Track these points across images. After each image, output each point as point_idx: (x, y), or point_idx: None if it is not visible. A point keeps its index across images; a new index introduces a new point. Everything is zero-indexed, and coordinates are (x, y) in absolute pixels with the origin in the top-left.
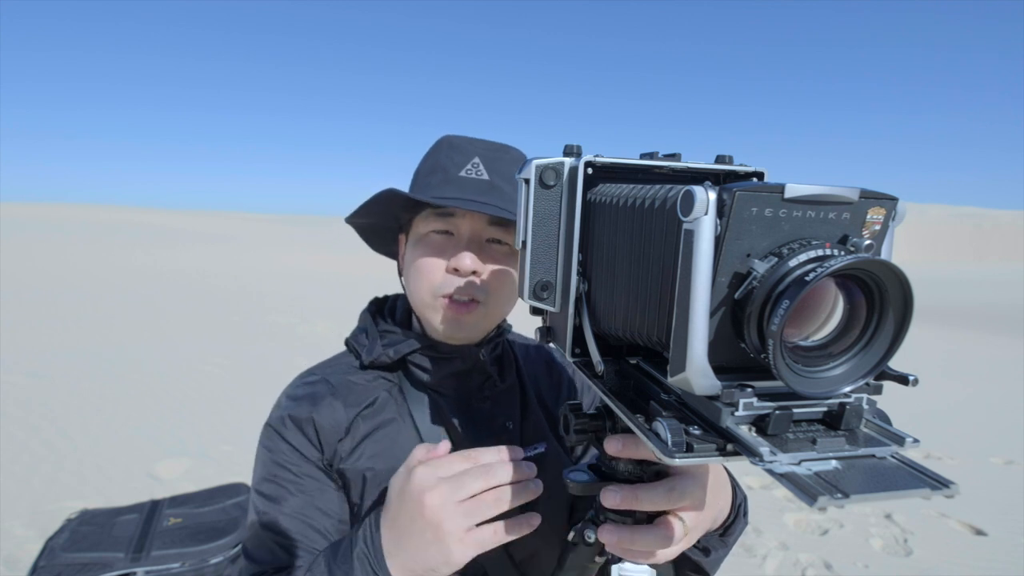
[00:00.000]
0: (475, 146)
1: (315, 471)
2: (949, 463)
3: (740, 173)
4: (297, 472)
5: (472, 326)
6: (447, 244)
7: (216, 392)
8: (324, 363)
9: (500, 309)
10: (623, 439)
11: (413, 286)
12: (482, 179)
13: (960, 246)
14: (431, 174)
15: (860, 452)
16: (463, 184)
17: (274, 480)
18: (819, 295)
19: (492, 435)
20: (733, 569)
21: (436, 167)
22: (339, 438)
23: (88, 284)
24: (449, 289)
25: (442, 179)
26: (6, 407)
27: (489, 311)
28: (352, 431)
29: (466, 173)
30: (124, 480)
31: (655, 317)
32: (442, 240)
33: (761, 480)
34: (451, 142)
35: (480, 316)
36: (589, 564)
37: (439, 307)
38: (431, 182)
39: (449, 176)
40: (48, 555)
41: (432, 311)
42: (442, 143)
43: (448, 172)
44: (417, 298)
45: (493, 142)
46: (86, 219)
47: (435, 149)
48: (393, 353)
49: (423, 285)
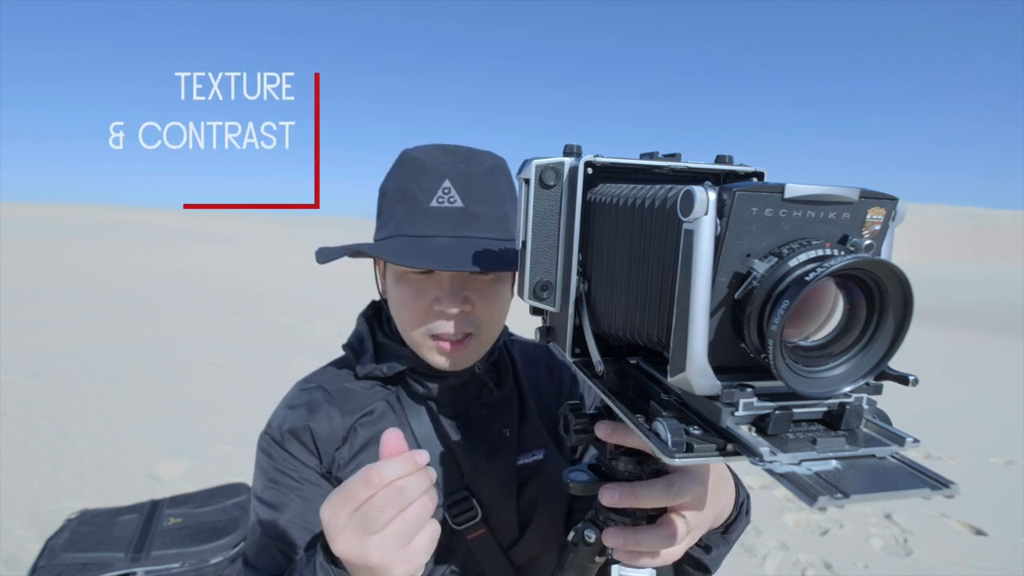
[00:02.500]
0: (443, 162)
1: (316, 477)
2: (949, 463)
3: (740, 173)
4: (298, 479)
5: (468, 357)
6: (429, 284)
7: (216, 392)
8: (321, 370)
9: (492, 334)
10: (613, 424)
11: (402, 324)
12: (456, 208)
13: (960, 246)
14: (398, 201)
15: (860, 452)
16: (435, 217)
17: (275, 487)
18: (819, 295)
19: (489, 442)
20: (733, 569)
21: (403, 193)
22: (336, 446)
23: (88, 284)
24: (439, 330)
25: (411, 210)
26: (6, 407)
27: (482, 339)
28: (350, 439)
29: (437, 202)
30: (124, 480)
31: (655, 317)
32: (422, 280)
33: (761, 480)
34: (415, 161)
35: (474, 346)
36: (589, 564)
37: (432, 346)
38: (398, 212)
39: (419, 207)
40: (48, 555)
41: (426, 349)
42: (405, 162)
43: (418, 201)
44: (407, 336)
45: (460, 150)
46: (86, 219)
47: (399, 168)
48: (387, 370)
49: (413, 326)
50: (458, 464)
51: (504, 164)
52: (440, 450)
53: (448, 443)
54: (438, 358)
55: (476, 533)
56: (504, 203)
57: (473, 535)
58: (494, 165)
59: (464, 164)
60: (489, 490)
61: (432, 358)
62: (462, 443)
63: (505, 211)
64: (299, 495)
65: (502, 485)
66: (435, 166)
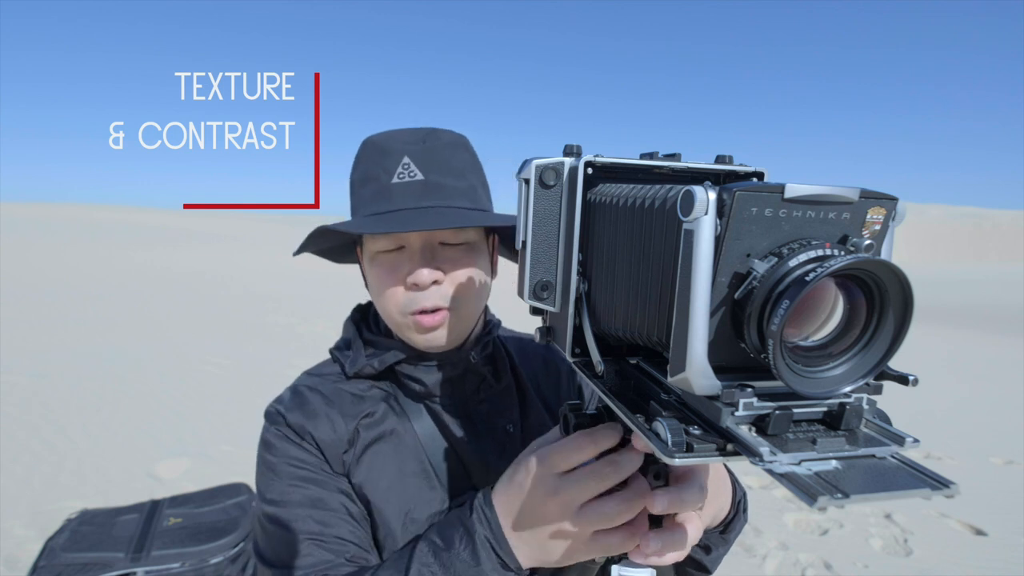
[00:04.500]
0: (401, 142)
1: (324, 465)
2: (949, 463)
3: (740, 173)
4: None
5: (448, 334)
6: (400, 259)
7: (216, 392)
8: (309, 374)
9: (471, 309)
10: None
11: (381, 307)
12: (416, 180)
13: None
14: (363, 185)
15: (860, 452)
16: (398, 192)
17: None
18: (819, 295)
19: (493, 438)
20: (733, 569)
21: (367, 176)
22: (343, 450)
23: (88, 284)
24: (415, 306)
25: (375, 190)
26: (6, 407)
27: (461, 315)
28: (354, 441)
29: (399, 178)
30: (124, 480)
31: (655, 317)
32: (394, 257)
33: (761, 480)
34: (375, 145)
35: (453, 322)
36: (589, 564)
37: (410, 324)
38: (364, 195)
39: (382, 185)
40: (48, 555)
41: (406, 328)
42: (367, 147)
43: (380, 180)
44: (388, 318)
45: (419, 130)
46: (86, 219)
47: (361, 155)
48: (378, 364)
49: (389, 307)
50: (464, 464)
51: (464, 139)
52: (444, 448)
53: (452, 442)
54: (418, 337)
55: None
56: (467, 175)
57: None
58: (454, 140)
59: (423, 141)
60: None
61: (413, 338)
62: (467, 442)
63: (471, 183)
64: (318, 485)
65: None
66: (394, 146)
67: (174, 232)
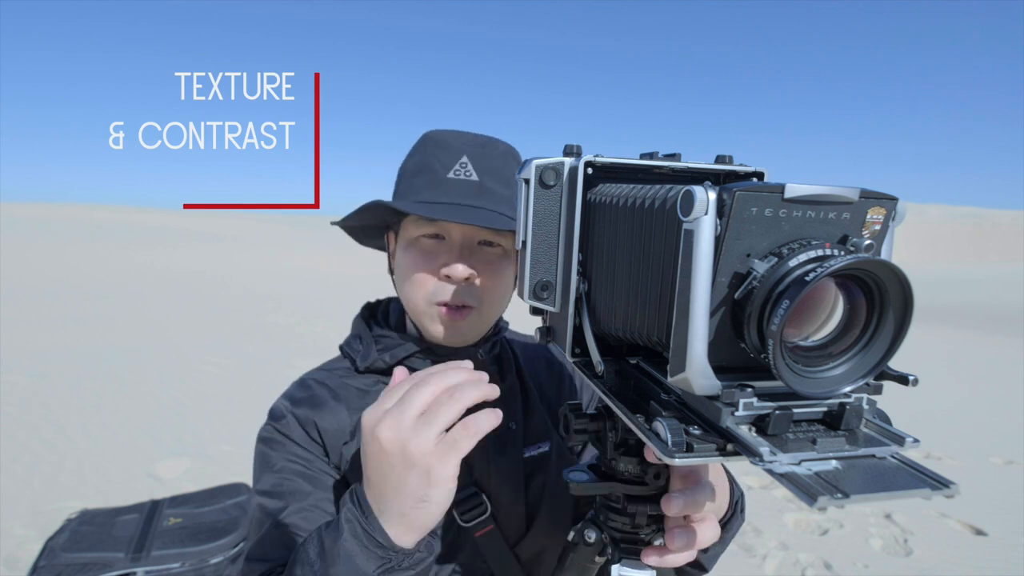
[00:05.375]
0: (462, 142)
1: (323, 465)
2: (949, 463)
3: (740, 173)
4: (307, 467)
5: (468, 330)
6: (438, 249)
7: (216, 392)
8: (319, 369)
9: (494, 312)
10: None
11: (407, 292)
12: (471, 180)
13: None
14: (417, 175)
15: (860, 452)
16: (452, 187)
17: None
18: (819, 295)
19: (497, 437)
20: (733, 569)
21: (422, 167)
22: (344, 441)
23: (88, 284)
24: (444, 296)
25: (429, 181)
26: (6, 407)
27: (483, 315)
28: (356, 434)
29: (455, 174)
30: (124, 480)
31: (655, 317)
32: (433, 245)
33: (761, 480)
34: (436, 139)
35: (475, 320)
36: (589, 564)
37: (435, 314)
38: (416, 184)
39: (437, 178)
40: (48, 555)
41: (428, 318)
42: (427, 140)
43: (435, 173)
44: (412, 304)
45: (479, 136)
46: (86, 219)
47: (420, 146)
48: (389, 358)
49: (417, 293)
50: (465, 459)
51: (517, 153)
52: None
53: None
54: (438, 327)
55: (484, 530)
56: (514, 186)
57: (481, 532)
58: (508, 151)
59: (482, 146)
60: (498, 485)
61: (433, 327)
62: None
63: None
64: (312, 483)
65: (511, 480)
66: (455, 144)
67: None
